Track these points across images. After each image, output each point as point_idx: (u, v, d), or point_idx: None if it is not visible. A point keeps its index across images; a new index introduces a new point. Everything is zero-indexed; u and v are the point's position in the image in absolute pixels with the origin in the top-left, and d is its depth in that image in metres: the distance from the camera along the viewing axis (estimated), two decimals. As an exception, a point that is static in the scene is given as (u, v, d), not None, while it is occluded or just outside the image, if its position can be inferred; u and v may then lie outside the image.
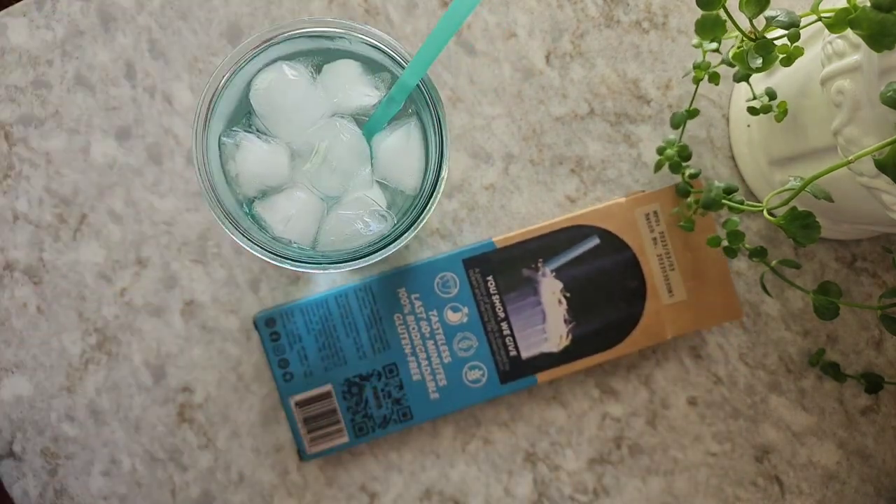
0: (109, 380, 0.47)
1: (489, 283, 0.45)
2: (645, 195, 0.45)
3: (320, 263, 0.33)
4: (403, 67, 0.33)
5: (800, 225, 0.34)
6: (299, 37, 0.33)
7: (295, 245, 0.35)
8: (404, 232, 0.34)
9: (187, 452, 0.47)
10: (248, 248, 0.33)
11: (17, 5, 0.47)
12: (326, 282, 0.47)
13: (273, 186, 0.35)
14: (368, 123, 0.35)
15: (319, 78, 0.35)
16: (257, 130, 0.35)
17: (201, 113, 0.32)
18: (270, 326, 0.45)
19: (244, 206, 0.35)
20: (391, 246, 0.34)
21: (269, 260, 0.33)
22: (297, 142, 0.34)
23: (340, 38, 0.34)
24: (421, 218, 0.33)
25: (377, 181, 0.36)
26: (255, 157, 0.34)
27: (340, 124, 0.34)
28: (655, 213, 0.45)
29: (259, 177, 0.34)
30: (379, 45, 0.33)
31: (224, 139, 0.34)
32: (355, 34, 0.33)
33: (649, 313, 0.45)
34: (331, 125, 0.34)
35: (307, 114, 0.34)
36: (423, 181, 0.35)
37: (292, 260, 0.33)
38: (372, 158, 0.35)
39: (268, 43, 0.33)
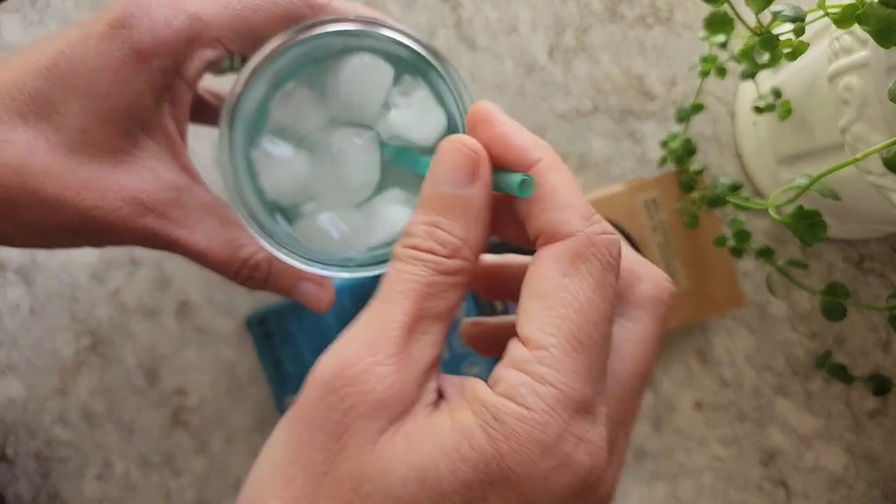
0: (103, 382, 0.46)
1: None
2: (645, 182, 0.45)
3: (348, 267, 0.32)
4: (430, 64, 0.31)
5: (806, 224, 0.34)
6: (325, 35, 0.32)
7: (329, 248, 0.33)
8: None
9: (182, 456, 0.46)
10: (275, 252, 0.31)
11: (11, 1, 0.47)
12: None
13: (299, 192, 0.33)
14: (401, 157, 0.33)
15: (345, 83, 0.33)
16: (282, 135, 0.33)
17: (224, 117, 0.31)
18: (263, 326, 0.44)
19: (270, 212, 0.34)
20: None
21: (302, 267, 0.31)
22: (320, 148, 0.33)
23: (366, 35, 0.32)
24: None
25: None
26: (282, 163, 0.33)
27: (370, 137, 0.33)
28: (655, 200, 0.45)
29: (285, 182, 0.33)
30: (406, 41, 0.32)
31: (251, 148, 0.33)
32: (382, 31, 0.32)
33: None
34: (360, 137, 0.33)
35: (344, 120, 0.33)
36: None
37: (322, 263, 0.32)
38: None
39: (299, 38, 0.31)
